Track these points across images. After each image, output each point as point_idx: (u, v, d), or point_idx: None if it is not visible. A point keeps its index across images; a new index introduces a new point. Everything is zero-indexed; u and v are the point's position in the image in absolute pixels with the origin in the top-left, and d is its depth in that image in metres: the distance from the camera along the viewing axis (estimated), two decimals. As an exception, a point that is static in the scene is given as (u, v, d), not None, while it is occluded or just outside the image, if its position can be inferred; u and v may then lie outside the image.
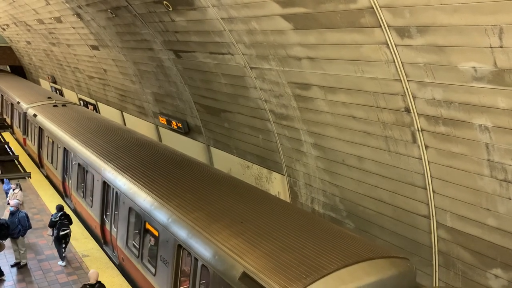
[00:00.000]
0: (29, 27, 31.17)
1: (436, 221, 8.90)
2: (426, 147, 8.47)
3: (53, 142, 17.86)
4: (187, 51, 14.77)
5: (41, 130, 19.82)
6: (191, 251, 8.07)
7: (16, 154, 23.05)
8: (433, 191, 8.74)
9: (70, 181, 15.78)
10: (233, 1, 10.62)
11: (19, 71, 45.73)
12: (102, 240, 12.77)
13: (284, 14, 9.62)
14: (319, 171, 11.83)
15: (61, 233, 12.00)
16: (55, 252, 12.57)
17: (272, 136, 13.15)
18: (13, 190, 14.05)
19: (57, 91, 36.42)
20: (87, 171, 13.82)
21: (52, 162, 18.11)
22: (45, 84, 39.27)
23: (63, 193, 16.83)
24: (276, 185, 14.00)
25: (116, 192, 11.53)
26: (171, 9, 13.25)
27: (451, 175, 8.25)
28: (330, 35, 8.99)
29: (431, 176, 8.65)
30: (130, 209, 10.73)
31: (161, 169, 11.64)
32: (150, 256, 9.93)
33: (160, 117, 19.96)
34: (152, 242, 9.93)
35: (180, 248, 8.50)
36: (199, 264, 7.81)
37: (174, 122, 18.79)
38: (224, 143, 16.09)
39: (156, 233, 9.48)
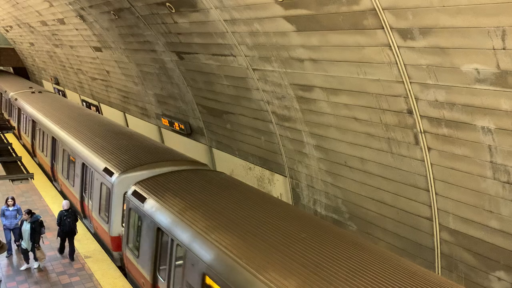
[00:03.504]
0: (32, 29, 31.27)
1: (439, 223, 8.88)
2: (429, 149, 8.45)
3: (26, 117, 23.80)
4: (189, 52, 14.79)
5: (19, 110, 26.02)
6: (92, 169, 13.64)
7: (19, 155, 23.22)
8: (436, 193, 8.72)
9: (35, 142, 22.04)
10: (236, 3, 10.63)
11: (22, 72, 45.86)
12: (52, 177, 18.61)
13: (286, 16, 9.63)
14: (321, 173, 11.82)
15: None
16: (57, 253, 12.71)
17: (274, 138, 13.15)
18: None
19: (60, 93, 36.62)
20: (44, 133, 19.96)
21: (26, 133, 24.14)
22: (48, 86, 39.37)
23: (32, 154, 22.69)
24: (278, 187, 13.99)
25: (59, 143, 17.43)
26: (173, 11, 13.27)
27: (453, 177, 8.23)
28: (333, 37, 8.99)
29: (433, 178, 8.63)
30: (63, 151, 16.68)
31: (96, 130, 17.08)
32: (72, 177, 15.51)
33: (162, 118, 19.98)
34: (77, 170, 15.04)
35: (84, 165, 14.34)
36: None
37: (176, 124, 18.81)
38: (226, 144, 16.09)
39: (72, 160, 15.61)
